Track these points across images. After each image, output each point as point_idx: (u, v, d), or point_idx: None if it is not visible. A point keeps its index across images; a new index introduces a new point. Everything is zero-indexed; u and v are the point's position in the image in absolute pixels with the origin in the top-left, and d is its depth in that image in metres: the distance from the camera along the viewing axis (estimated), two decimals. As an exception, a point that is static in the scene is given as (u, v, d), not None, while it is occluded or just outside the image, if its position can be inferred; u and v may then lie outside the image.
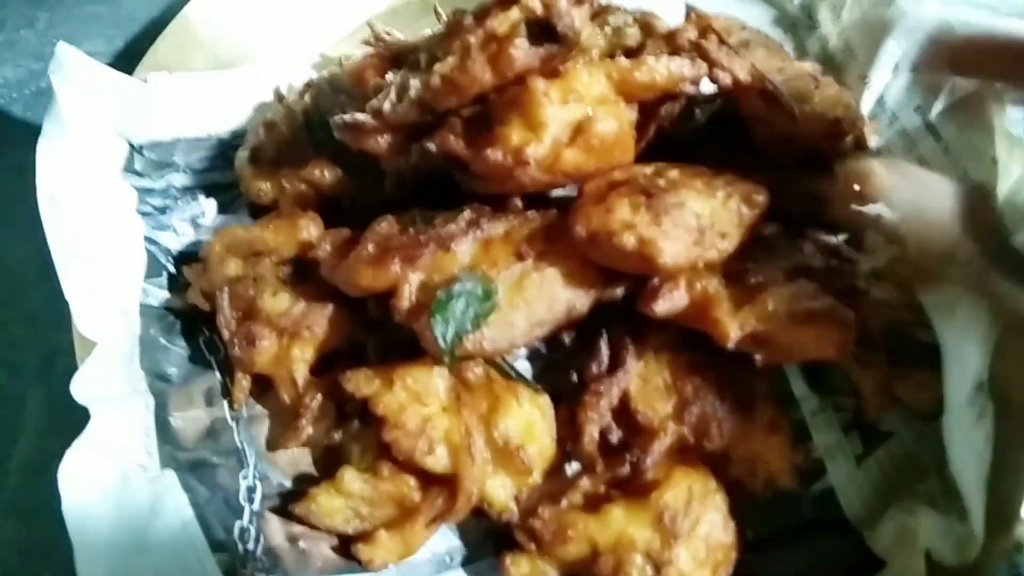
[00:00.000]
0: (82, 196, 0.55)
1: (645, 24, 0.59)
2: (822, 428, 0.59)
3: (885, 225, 0.57)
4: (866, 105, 0.68)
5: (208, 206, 0.63)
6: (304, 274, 0.56)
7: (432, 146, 0.52)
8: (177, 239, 0.61)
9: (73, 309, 0.51)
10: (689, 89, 0.53)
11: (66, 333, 0.56)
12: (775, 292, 0.51)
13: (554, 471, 0.54)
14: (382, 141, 0.54)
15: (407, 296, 0.51)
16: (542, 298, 0.52)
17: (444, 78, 0.47)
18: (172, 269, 0.60)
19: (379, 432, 0.52)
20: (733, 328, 0.51)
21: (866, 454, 0.58)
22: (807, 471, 0.57)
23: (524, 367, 0.59)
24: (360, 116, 0.53)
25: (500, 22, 0.46)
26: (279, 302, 0.55)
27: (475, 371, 0.54)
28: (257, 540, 0.51)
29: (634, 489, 0.52)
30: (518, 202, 0.54)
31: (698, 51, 0.53)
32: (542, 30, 0.46)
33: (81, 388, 0.49)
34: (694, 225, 0.51)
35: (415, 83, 0.48)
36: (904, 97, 0.68)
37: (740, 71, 0.53)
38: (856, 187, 0.54)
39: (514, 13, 0.46)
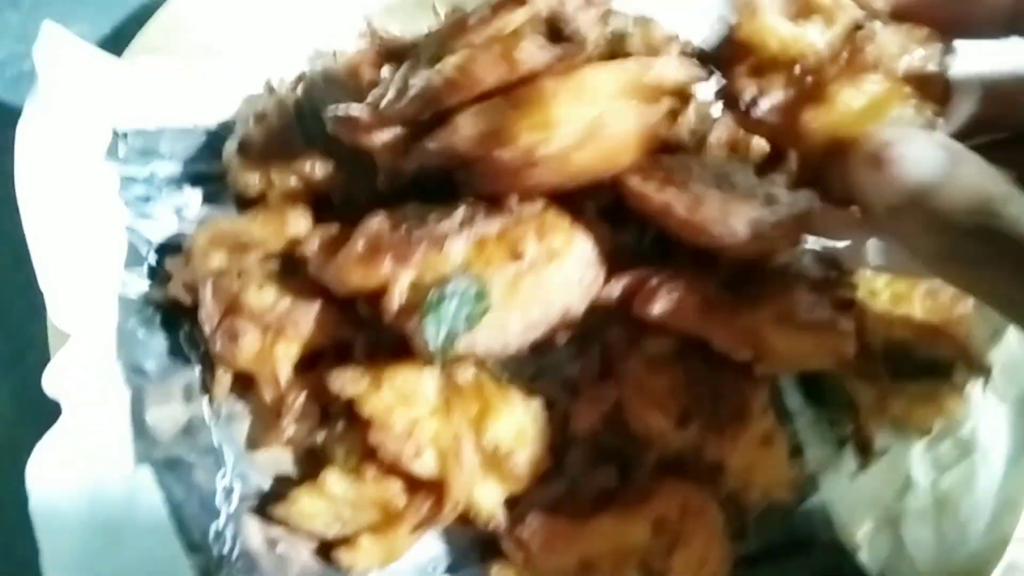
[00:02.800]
0: (62, 181, 0.53)
1: (645, 30, 0.58)
2: (816, 443, 0.58)
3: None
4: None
5: (193, 197, 0.60)
6: (291, 270, 0.54)
7: (434, 145, 0.50)
8: (159, 229, 0.58)
9: (48, 299, 0.49)
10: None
11: (38, 324, 0.54)
12: (773, 300, 0.50)
13: (543, 479, 0.53)
14: (378, 136, 0.52)
15: (398, 296, 0.49)
16: (537, 299, 0.50)
17: (447, 77, 0.45)
18: (153, 260, 0.57)
19: (364, 434, 0.50)
20: (731, 336, 0.50)
21: (860, 470, 0.57)
22: (800, 486, 0.56)
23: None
24: (356, 110, 0.52)
25: (506, 22, 0.45)
26: (264, 297, 0.53)
27: (465, 374, 0.53)
28: (233, 544, 0.49)
29: (626, 500, 0.50)
30: (514, 199, 0.53)
31: None
32: (549, 32, 0.45)
33: (52, 381, 0.47)
34: None
35: (416, 80, 0.46)
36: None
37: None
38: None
39: (520, 14, 0.45)
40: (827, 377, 0.57)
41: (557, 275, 0.51)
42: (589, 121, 0.48)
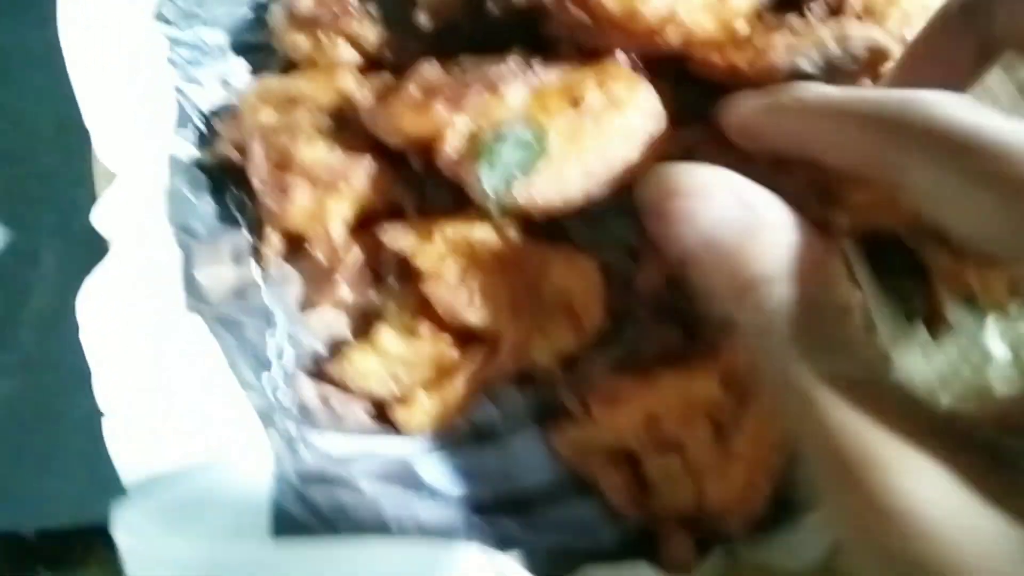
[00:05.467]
0: (110, 37, 0.52)
1: None
2: (886, 316, 0.55)
3: None
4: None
5: (238, 66, 0.59)
6: (342, 125, 0.52)
7: None
8: (206, 95, 0.57)
9: (93, 137, 0.48)
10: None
11: (83, 191, 0.53)
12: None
13: (604, 340, 0.51)
14: None
15: (453, 142, 0.48)
16: (596, 148, 0.48)
17: None
18: (201, 125, 0.56)
19: (417, 289, 0.49)
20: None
21: (932, 344, 0.55)
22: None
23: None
24: None
25: None
26: (316, 151, 0.51)
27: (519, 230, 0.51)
28: (286, 394, 0.48)
29: (696, 354, 0.48)
30: (571, 50, 0.51)
31: None
32: None
33: (103, 217, 0.45)
34: None
35: None
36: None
37: None
38: None
39: None
40: (898, 245, 0.54)
41: (618, 123, 0.48)
42: None
